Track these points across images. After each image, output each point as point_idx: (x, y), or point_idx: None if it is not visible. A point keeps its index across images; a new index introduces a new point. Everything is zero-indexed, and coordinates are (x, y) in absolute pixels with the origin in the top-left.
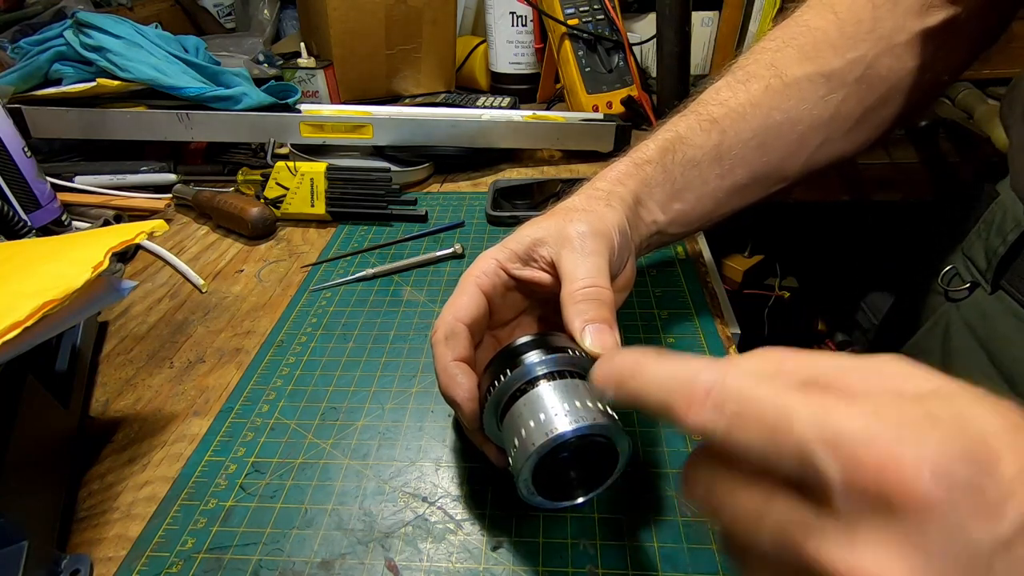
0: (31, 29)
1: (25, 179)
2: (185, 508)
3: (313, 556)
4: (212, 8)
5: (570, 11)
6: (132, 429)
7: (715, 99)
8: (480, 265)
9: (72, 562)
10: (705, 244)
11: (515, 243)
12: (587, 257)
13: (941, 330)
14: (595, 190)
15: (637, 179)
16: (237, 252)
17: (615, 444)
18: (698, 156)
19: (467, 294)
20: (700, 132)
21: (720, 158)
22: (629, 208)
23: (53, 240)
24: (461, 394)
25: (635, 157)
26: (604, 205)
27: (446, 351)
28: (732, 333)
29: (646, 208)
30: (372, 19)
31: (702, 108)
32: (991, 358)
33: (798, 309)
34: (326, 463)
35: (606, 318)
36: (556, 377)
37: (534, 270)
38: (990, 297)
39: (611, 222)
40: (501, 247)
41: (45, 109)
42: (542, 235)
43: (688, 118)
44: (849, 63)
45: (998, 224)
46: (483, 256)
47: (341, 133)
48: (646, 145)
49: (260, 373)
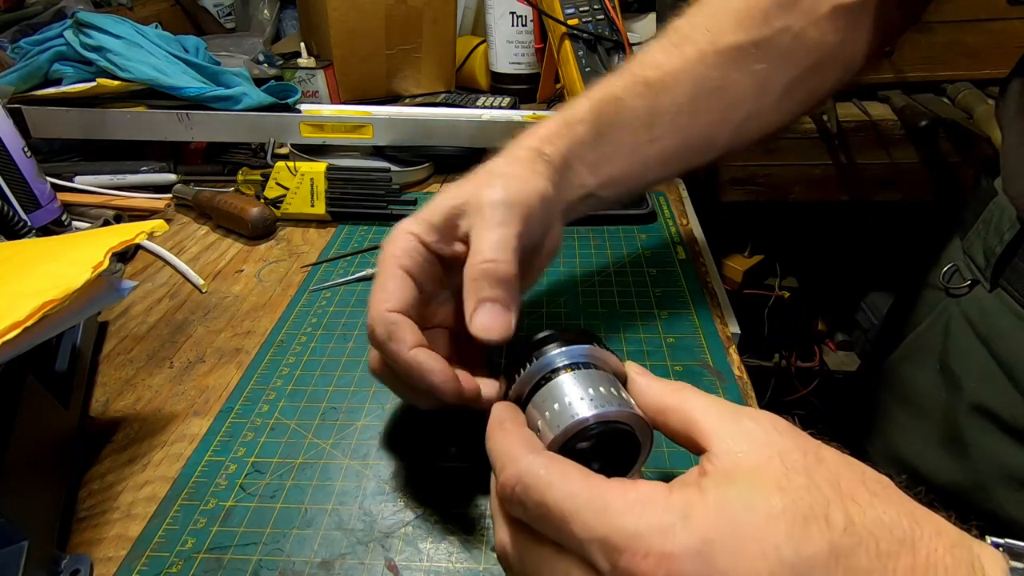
0: (31, 29)
1: (25, 179)
2: (185, 508)
3: (313, 556)
4: (212, 8)
5: (570, 11)
6: (132, 429)
7: (651, 61)
8: (398, 243)
9: (72, 562)
10: (705, 244)
11: (432, 213)
12: (493, 229)
13: (942, 326)
14: (521, 149)
15: (567, 139)
16: (237, 252)
17: (636, 433)
18: (630, 120)
19: (393, 278)
20: (634, 95)
21: (652, 124)
22: (556, 171)
23: (53, 240)
24: (438, 378)
25: (566, 115)
26: (528, 168)
27: (398, 347)
28: (732, 333)
29: (575, 171)
30: (372, 19)
31: (637, 69)
32: (991, 353)
33: (798, 309)
34: (326, 463)
35: (499, 296)
36: (576, 368)
37: (454, 246)
38: (990, 294)
39: (532, 188)
40: (416, 219)
41: (45, 109)
42: (459, 202)
43: (623, 77)
44: (777, 32)
45: (995, 223)
46: (399, 231)
47: (341, 133)
48: (580, 103)
49: (260, 373)
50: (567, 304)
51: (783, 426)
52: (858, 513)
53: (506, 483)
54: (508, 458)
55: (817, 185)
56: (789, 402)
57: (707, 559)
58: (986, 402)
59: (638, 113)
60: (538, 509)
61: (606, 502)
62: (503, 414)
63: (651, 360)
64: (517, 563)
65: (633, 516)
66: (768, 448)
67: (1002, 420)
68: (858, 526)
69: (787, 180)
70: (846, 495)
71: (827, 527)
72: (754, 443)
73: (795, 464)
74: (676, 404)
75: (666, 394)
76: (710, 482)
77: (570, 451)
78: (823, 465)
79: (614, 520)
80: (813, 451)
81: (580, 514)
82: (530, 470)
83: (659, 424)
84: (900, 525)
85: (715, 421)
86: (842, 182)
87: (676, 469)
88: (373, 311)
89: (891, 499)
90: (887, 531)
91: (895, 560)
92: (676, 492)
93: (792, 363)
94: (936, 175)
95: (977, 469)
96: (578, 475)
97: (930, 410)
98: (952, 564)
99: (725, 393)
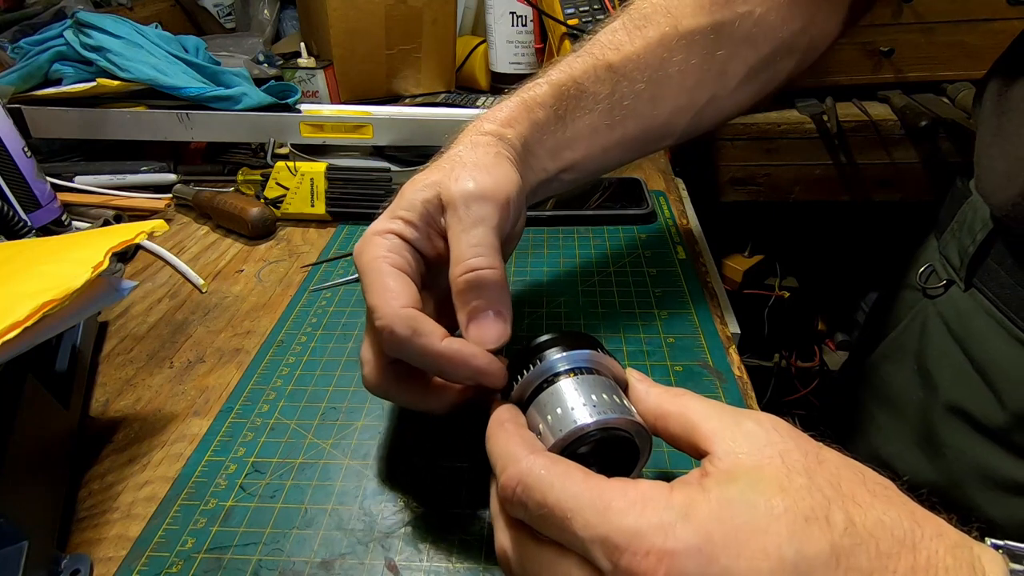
0: (31, 29)
1: (25, 179)
2: (185, 508)
3: (313, 556)
4: (212, 8)
5: (570, 11)
6: (132, 429)
7: (611, 42)
8: (381, 244)
9: (72, 562)
10: (705, 244)
11: (406, 210)
12: (472, 230)
13: (919, 327)
14: (481, 135)
15: (527, 123)
16: (237, 252)
17: (635, 440)
18: (590, 104)
19: (391, 276)
20: (595, 79)
21: (612, 108)
22: (518, 154)
23: (53, 240)
24: (482, 360)
25: (525, 97)
26: (493, 154)
27: (429, 340)
28: (732, 333)
29: (535, 155)
30: (372, 19)
31: (598, 50)
32: (967, 354)
33: (798, 309)
34: (326, 463)
35: (490, 304)
36: (577, 373)
37: (435, 241)
38: (964, 295)
39: (505, 178)
40: (391, 217)
41: (45, 109)
42: (431, 194)
43: (583, 59)
44: (739, 16)
45: (969, 224)
46: (377, 232)
47: (341, 133)
48: (539, 85)
49: (260, 373)
50: (567, 304)
51: (784, 427)
52: (859, 514)
53: (507, 484)
54: (509, 459)
55: (817, 185)
56: (789, 402)
57: (708, 557)
58: (960, 402)
59: (599, 99)
60: (539, 509)
61: (607, 501)
62: (504, 415)
63: (651, 360)
64: (518, 566)
65: (634, 514)
66: (769, 448)
67: (976, 420)
68: (859, 527)
69: (787, 180)
70: (847, 496)
71: (828, 527)
72: (755, 444)
73: (796, 464)
74: (676, 409)
75: (666, 400)
76: (712, 481)
77: (570, 456)
78: (824, 466)
79: (615, 519)
80: (814, 452)
81: (581, 513)
82: (531, 470)
83: (659, 429)
84: (901, 526)
85: (716, 424)
86: (842, 182)
87: (676, 470)
88: (385, 311)
89: (892, 500)
90: (888, 532)
91: (896, 560)
92: (677, 491)
93: (792, 363)
94: (936, 175)
95: (952, 469)
96: (579, 475)
97: (907, 411)
98: (953, 565)
99: (725, 393)
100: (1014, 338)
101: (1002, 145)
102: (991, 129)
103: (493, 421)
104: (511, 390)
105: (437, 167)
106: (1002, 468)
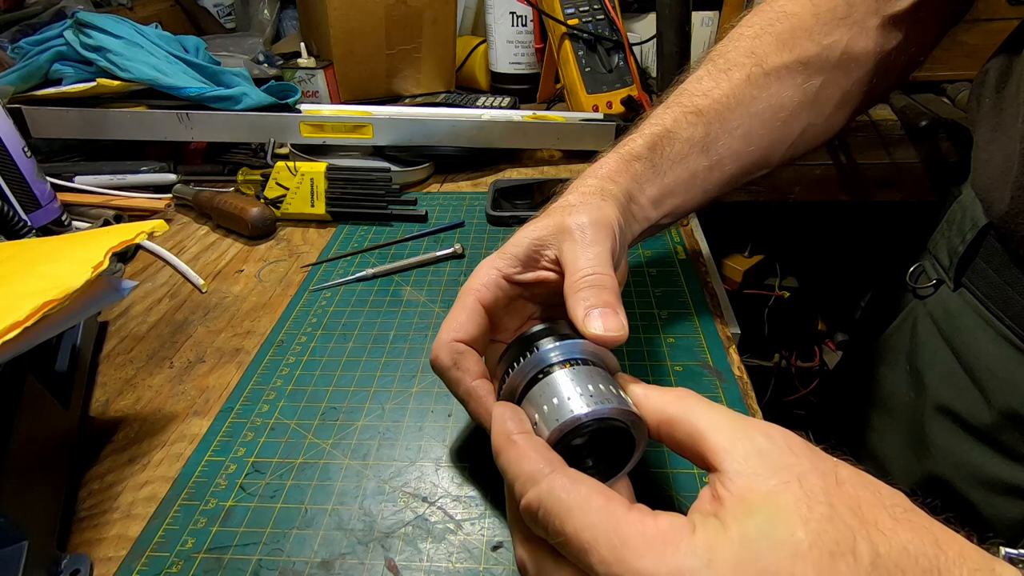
0: (31, 29)
1: (25, 179)
2: (185, 508)
3: (313, 556)
4: (212, 8)
5: (570, 11)
6: (132, 429)
7: (698, 89)
8: (480, 277)
9: (72, 562)
10: (705, 244)
11: (514, 247)
12: (589, 247)
13: (909, 327)
14: (587, 188)
15: (627, 176)
16: (237, 252)
17: (631, 431)
18: (686, 150)
19: (466, 309)
20: (686, 125)
21: (707, 150)
22: (621, 205)
23: (53, 240)
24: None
25: (623, 152)
26: (599, 199)
27: (461, 375)
28: (732, 333)
29: (637, 204)
30: (372, 19)
31: (686, 99)
32: (955, 354)
33: (798, 309)
34: (326, 463)
35: (609, 302)
36: (571, 364)
37: (538, 271)
38: (953, 294)
39: (610, 214)
40: (500, 254)
41: (45, 109)
42: (542, 234)
43: (673, 110)
44: (825, 48)
45: (958, 223)
46: (483, 266)
47: (341, 133)
48: (633, 140)
49: (260, 373)
50: None
51: (798, 444)
52: (884, 543)
53: (528, 507)
54: (527, 477)
55: (817, 185)
56: (789, 402)
57: None
58: (949, 403)
59: (693, 143)
60: (557, 536)
61: (624, 537)
62: (510, 426)
63: (651, 360)
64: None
65: (652, 558)
66: (786, 472)
67: (963, 420)
68: (884, 558)
69: (787, 180)
70: (869, 522)
71: (855, 562)
72: (769, 465)
73: (815, 490)
74: (681, 415)
75: (669, 403)
76: (729, 515)
77: (565, 447)
78: (843, 488)
79: (633, 560)
80: (832, 472)
81: (598, 548)
82: (551, 493)
83: (663, 436)
84: (925, 553)
85: (725, 437)
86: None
87: (677, 470)
88: (440, 339)
89: (913, 524)
90: (913, 561)
91: None
92: (699, 531)
93: (792, 363)
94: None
95: (941, 470)
96: (599, 501)
97: (899, 412)
98: None
99: (725, 393)
100: (1002, 337)
101: (1001, 140)
102: (990, 124)
103: (498, 431)
104: (504, 381)
105: (548, 213)
106: (989, 467)
